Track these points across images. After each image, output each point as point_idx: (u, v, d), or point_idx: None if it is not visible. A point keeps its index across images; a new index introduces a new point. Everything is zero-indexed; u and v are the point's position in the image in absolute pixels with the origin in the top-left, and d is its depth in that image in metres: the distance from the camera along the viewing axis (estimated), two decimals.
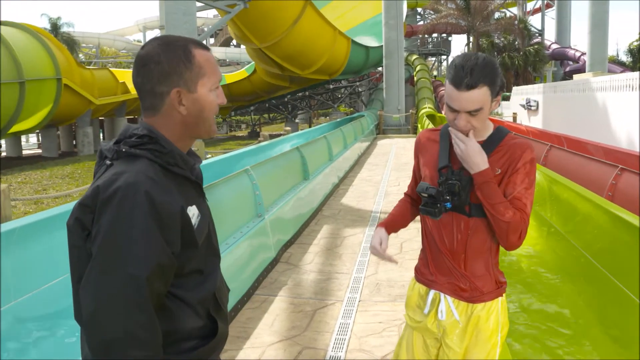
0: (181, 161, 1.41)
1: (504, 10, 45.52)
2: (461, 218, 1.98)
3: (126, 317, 1.21)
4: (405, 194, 2.36)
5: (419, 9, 55.75)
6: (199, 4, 17.59)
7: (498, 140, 1.97)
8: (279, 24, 24.43)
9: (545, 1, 48.15)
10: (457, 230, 1.99)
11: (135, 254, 1.23)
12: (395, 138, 24.68)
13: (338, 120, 25.91)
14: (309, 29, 26.49)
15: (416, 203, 2.29)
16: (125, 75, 28.21)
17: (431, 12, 47.65)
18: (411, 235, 6.83)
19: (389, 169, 13.60)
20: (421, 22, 54.52)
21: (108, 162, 1.36)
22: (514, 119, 25.58)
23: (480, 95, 1.82)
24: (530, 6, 49.82)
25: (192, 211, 1.40)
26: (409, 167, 13.85)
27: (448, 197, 1.93)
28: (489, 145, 1.96)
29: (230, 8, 19.78)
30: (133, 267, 1.22)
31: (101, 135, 31.51)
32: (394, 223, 2.27)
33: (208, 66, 1.44)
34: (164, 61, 1.38)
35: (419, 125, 23.66)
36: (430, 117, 24.15)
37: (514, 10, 47.36)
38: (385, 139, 24.40)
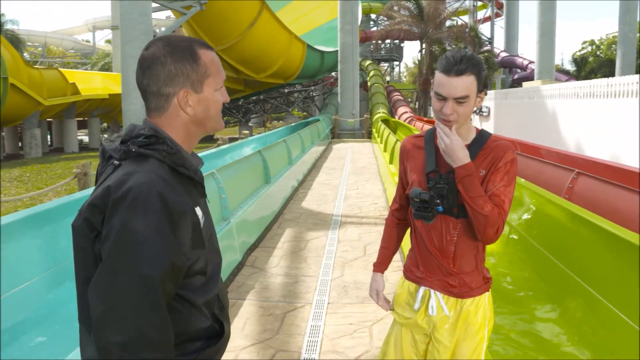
0: (187, 162, 1.41)
1: (455, 18, 46.56)
2: (449, 220, 2.03)
3: (139, 318, 1.19)
4: (391, 210, 2.41)
5: (373, 15, 56.45)
6: (154, 5, 17.35)
7: (482, 142, 2.05)
8: (235, 26, 24.32)
9: (495, 10, 49.52)
10: (446, 232, 2.05)
11: (149, 254, 1.21)
12: (350, 142, 24.89)
13: (294, 124, 25.95)
14: (264, 33, 26.46)
15: (402, 219, 2.36)
16: (76, 76, 27.46)
17: (384, 18, 48.24)
18: (374, 238, 6.92)
19: (346, 173, 13.70)
20: (374, 28, 55.20)
21: (116, 162, 1.34)
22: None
23: (467, 82, 1.91)
24: (480, 15, 51.16)
25: (198, 212, 1.40)
26: (366, 171, 14.01)
27: (438, 201, 1.98)
28: (473, 148, 2.03)
29: (186, 9, 19.56)
30: (146, 268, 1.20)
31: (48, 137, 30.57)
32: (386, 258, 2.43)
33: (213, 66, 1.44)
34: (170, 62, 1.37)
35: (374, 130, 23.91)
36: (385, 121, 24.44)
37: (465, 18, 48.54)
38: (340, 143, 24.58)
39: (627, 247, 3.27)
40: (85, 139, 30.66)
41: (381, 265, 2.42)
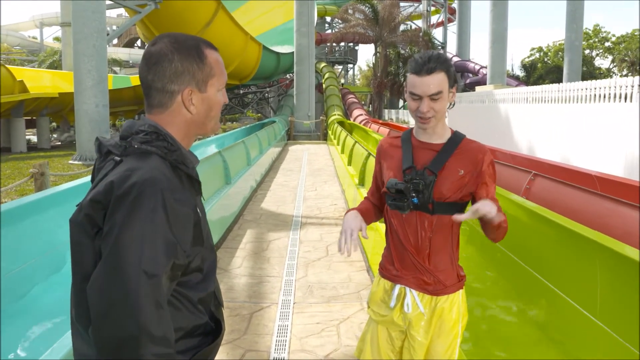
0: (187, 160, 1.41)
1: (409, 22, 47.22)
2: (425, 216, 2.09)
3: (140, 315, 1.17)
4: (366, 198, 2.43)
5: (328, 18, 56.76)
6: (108, 3, 16.99)
7: (457, 142, 2.13)
8: (191, 26, 24.04)
9: (448, 16, 50.49)
10: (421, 228, 2.10)
11: (151, 251, 1.20)
12: (306, 144, 24.95)
13: (250, 125, 25.83)
14: (220, 33, 26.27)
15: (377, 206, 2.38)
16: (24, 74, 26.49)
17: (339, 21, 48.57)
18: (335, 239, 6.96)
19: (303, 175, 13.73)
20: (329, 31, 55.50)
21: (117, 158, 1.33)
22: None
23: (439, 79, 2.00)
24: (434, 20, 52.03)
25: (197, 209, 1.40)
26: (323, 172, 14.08)
27: (414, 194, 2.03)
28: (449, 147, 2.11)
29: (140, 8, 19.24)
30: (149, 265, 1.19)
31: None
32: (366, 212, 2.28)
33: (217, 67, 1.45)
34: (178, 60, 1.37)
35: (330, 132, 24.04)
36: (340, 123, 24.59)
37: (419, 22, 49.28)
38: (297, 144, 24.61)
39: (584, 243, 3.41)
40: (34, 138, 29.65)
41: (361, 213, 2.23)
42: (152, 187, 1.23)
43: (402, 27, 43.21)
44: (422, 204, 2.05)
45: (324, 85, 41.57)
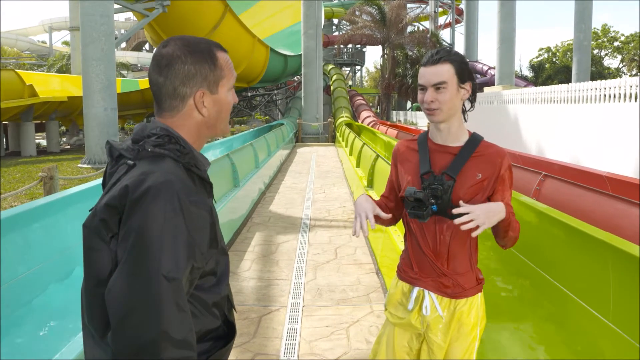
0: (199, 162, 1.40)
1: (416, 23, 47.20)
2: (444, 221, 2.05)
3: (162, 319, 1.17)
4: (381, 198, 2.40)
5: (335, 20, 56.79)
6: (116, 6, 17.06)
7: (475, 145, 2.08)
8: (198, 29, 24.12)
9: (455, 17, 50.43)
10: (440, 233, 2.07)
11: (170, 254, 1.19)
12: (314, 146, 24.96)
13: (258, 128, 25.87)
14: (228, 36, 26.32)
15: (391, 209, 2.34)
16: (33, 78, 26.70)
17: (346, 23, 48.61)
18: (344, 241, 6.95)
19: (312, 177, 13.72)
20: (336, 33, 55.56)
21: (130, 162, 1.32)
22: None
23: (443, 69, 1.99)
24: (441, 21, 51.99)
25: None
26: (332, 174, 14.06)
27: (433, 201, 2.01)
28: (467, 150, 2.06)
29: (148, 12, 19.31)
30: (168, 268, 1.18)
31: (4, 141, 29.60)
32: (380, 203, 2.25)
33: (227, 67, 1.45)
34: (190, 62, 1.37)
35: (338, 134, 24.03)
36: (349, 125, 24.57)
37: (426, 24, 49.27)
38: (305, 147, 24.63)
39: (595, 245, 3.37)
40: (43, 142, 29.82)
41: (376, 202, 2.19)
42: (168, 190, 1.23)
43: (409, 29, 43.22)
44: (441, 209, 2.02)
45: (331, 87, 41.54)
